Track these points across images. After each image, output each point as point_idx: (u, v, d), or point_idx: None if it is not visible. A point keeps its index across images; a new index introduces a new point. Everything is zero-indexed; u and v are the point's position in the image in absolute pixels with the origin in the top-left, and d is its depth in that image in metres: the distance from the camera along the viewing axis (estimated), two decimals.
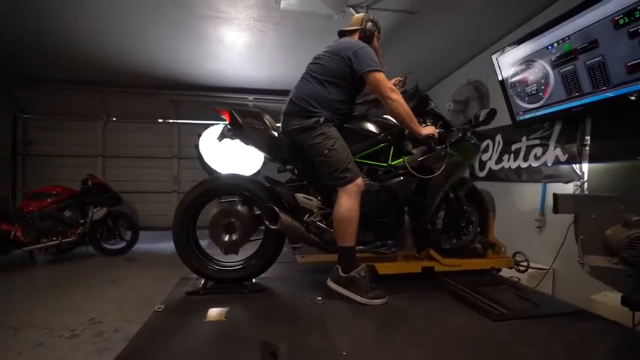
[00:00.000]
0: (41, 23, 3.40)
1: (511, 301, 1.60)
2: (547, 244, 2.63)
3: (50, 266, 4.15)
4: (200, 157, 2.11)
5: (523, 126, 2.98)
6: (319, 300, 1.56)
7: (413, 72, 2.16)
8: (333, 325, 1.33)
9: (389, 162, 1.80)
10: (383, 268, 1.82)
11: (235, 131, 1.69)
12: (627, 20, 1.93)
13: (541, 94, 2.66)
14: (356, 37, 1.85)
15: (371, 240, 1.82)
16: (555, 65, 2.46)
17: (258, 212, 1.79)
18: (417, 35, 3.39)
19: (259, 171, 2.19)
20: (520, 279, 2.12)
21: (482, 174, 3.64)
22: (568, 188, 2.64)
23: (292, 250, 2.13)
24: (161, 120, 5.84)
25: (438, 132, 1.83)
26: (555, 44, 2.42)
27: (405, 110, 1.69)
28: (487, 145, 3.54)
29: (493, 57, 3.01)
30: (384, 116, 1.86)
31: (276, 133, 1.73)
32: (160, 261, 4.36)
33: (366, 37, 1.84)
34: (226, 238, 1.74)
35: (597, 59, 2.16)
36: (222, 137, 1.74)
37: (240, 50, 3.95)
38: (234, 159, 2.05)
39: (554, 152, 2.77)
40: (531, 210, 2.98)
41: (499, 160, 3.40)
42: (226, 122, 1.73)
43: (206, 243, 1.85)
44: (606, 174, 2.38)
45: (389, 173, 1.80)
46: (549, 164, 2.81)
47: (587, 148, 2.51)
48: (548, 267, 2.54)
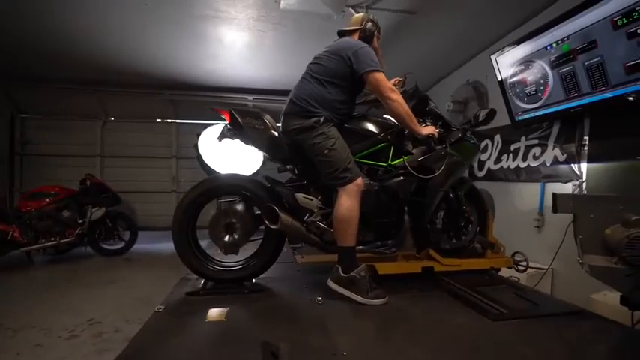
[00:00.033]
0: (40, 23, 3.39)
1: (510, 301, 1.61)
2: (546, 244, 2.64)
3: (48, 267, 4.13)
4: (199, 157, 2.12)
5: (522, 126, 2.99)
6: (319, 300, 1.57)
7: (412, 72, 2.16)
8: (334, 325, 1.33)
9: (389, 162, 1.80)
10: (383, 268, 1.82)
11: (235, 131, 1.69)
12: (626, 21, 1.94)
13: (540, 95, 2.67)
14: (356, 37, 1.85)
15: (371, 240, 1.82)
16: (554, 66, 2.47)
17: (258, 212, 1.79)
18: (417, 35, 3.39)
19: (258, 171, 2.20)
20: (519, 278, 2.13)
21: (481, 174, 3.65)
22: (567, 188, 2.65)
23: (292, 250, 2.13)
24: (159, 120, 5.82)
25: (438, 132, 1.83)
26: (554, 45, 2.43)
27: (405, 110, 1.69)
28: (486, 145, 3.55)
29: (492, 57, 3.02)
30: (384, 116, 1.86)
31: (276, 133, 1.72)
32: (159, 261, 4.35)
33: (366, 37, 1.84)
34: (226, 238, 1.74)
35: (596, 60, 2.18)
36: (222, 137, 1.74)
37: (239, 50, 3.95)
38: (233, 159, 2.05)
39: (552, 152, 2.78)
40: (530, 210, 2.99)
41: (498, 160, 3.41)
42: (226, 122, 1.73)
43: (205, 243, 1.85)
44: (605, 174, 2.39)
45: (389, 173, 1.80)
46: (548, 164, 2.82)
47: (585, 148, 2.52)
48: (546, 267, 2.55)
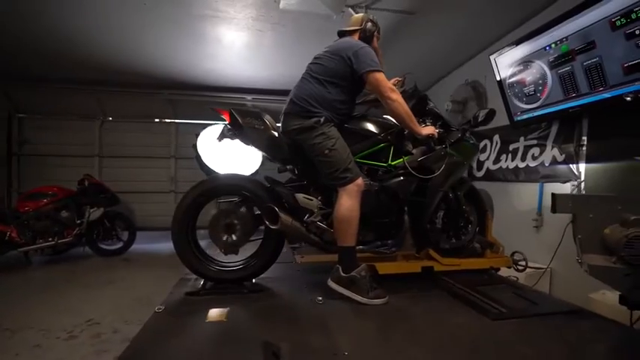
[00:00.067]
0: (39, 23, 3.37)
1: (510, 300, 1.61)
2: (544, 244, 2.64)
3: (46, 267, 4.12)
4: (198, 157, 2.10)
5: (521, 126, 3.00)
6: (320, 300, 1.57)
7: (411, 72, 2.16)
8: (335, 325, 1.33)
9: (389, 162, 1.80)
10: (383, 268, 1.83)
11: (235, 131, 1.68)
12: (624, 22, 1.95)
13: (539, 95, 2.68)
14: (356, 38, 1.85)
15: (371, 240, 1.82)
16: (553, 66, 2.48)
17: (258, 212, 1.79)
18: (415, 35, 3.40)
19: (257, 171, 2.19)
20: (518, 278, 2.14)
21: (479, 174, 3.66)
22: (565, 188, 2.66)
23: (291, 250, 2.13)
24: (157, 120, 5.79)
25: (438, 132, 1.83)
26: (553, 45, 2.44)
27: (405, 110, 1.69)
28: (485, 145, 3.56)
29: (491, 57, 3.03)
30: (384, 116, 1.86)
31: (276, 133, 1.72)
32: (158, 261, 4.34)
33: (366, 38, 1.84)
34: (226, 239, 1.73)
35: (594, 60, 2.18)
36: (222, 137, 1.74)
37: (238, 50, 3.94)
38: (232, 159, 2.04)
39: (551, 152, 2.79)
40: (529, 210, 3.00)
41: (497, 160, 3.42)
42: (225, 122, 1.73)
43: (204, 243, 1.85)
44: (603, 174, 2.40)
45: (389, 173, 1.81)
46: (547, 164, 2.83)
47: (584, 149, 2.53)
48: (545, 266, 2.56)
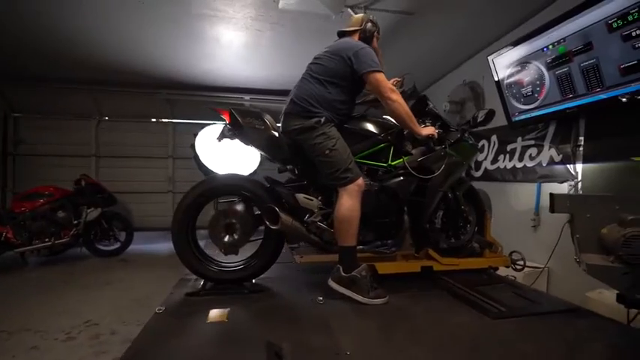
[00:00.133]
0: (37, 23, 3.35)
1: (509, 300, 1.63)
2: (542, 243, 2.67)
3: (43, 268, 4.08)
4: (196, 157, 2.10)
5: (518, 126, 3.02)
6: (320, 300, 1.57)
7: (410, 72, 2.17)
8: (336, 325, 1.34)
9: (389, 162, 1.81)
10: (383, 268, 1.83)
11: (235, 131, 1.68)
12: (621, 23, 1.97)
13: (536, 96, 2.70)
14: (356, 38, 1.85)
15: (371, 240, 1.82)
16: (550, 67, 2.50)
17: (257, 212, 1.79)
18: (414, 36, 3.41)
19: (256, 171, 2.19)
20: (516, 277, 2.15)
21: (478, 174, 3.68)
22: (562, 188, 2.68)
23: (290, 251, 2.13)
24: (154, 120, 5.75)
25: (437, 132, 1.84)
26: (550, 46, 2.46)
27: (405, 111, 1.70)
28: (483, 146, 3.58)
29: (489, 58, 3.05)
30: (384, 116, 1.87)
31: (276, 133, 1.72)
32: (156, 262, 4.32)
33: (366, 38, 1.85)
34: (226, 239, 1.73)
35: (591, 61, 2.21)
36: (222, 137, 1.73)
37: (237, 49, 3.93)
38: (230, 159, 2.04)
39: (548, 152, 2.81)
40: (526, 210, 3.02)
41: (494, 161, 3.44)
42: (224, 122, 1.72)
43: (203, 243, 1.84)
44: (600, 174, 2.43)
45: (389, 173, 1.81)
46: (544, 164, 2.85)
47: (581, 149, 2.55)
48: (543, 266, 2.58)
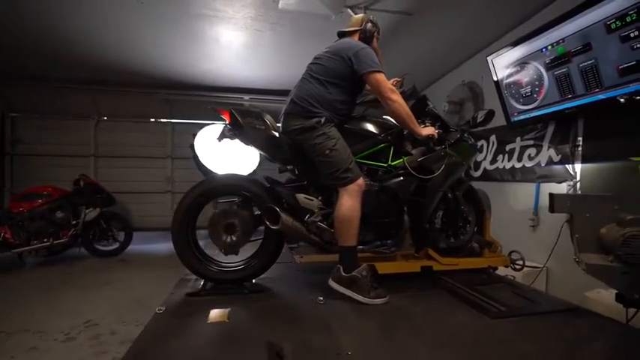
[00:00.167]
0: (36, 22, 3.34)
1: (509, 299, 1.63)
2: (540, 243, 2.68)
3: (41, 268, 4.06)
4: (195, 157, 2.09)
5: (517, 127, 3.03)
6: (321, 300, 1.57)
7: (409, 72, 2.18)
8: (336, 325, 1.34)
9: (389, 162, 1.81)
10: (382, 268, 1.83)
11: (236, 131, 1.68)
12: (619, 24, 1.98)
13: (535, 96, 2.71)
14: (356, 38, 1.86)
15: (371, 240, 1.83)
16: (549, 67, 2.51)
17: (257, 212, 1.79)
18: (413, 36, 3.42)
19: (255, 171, 2.18)
20: (515, 277, 2.16)
21: (477, 174, 3.69)
22: (561, 188, 2.69)
23: (290, 251, 2.13)
24: (153, 119, 5.74)
25: (437, 132, 1.85)
26: (549, 47, 2.47)
27: (405, 111, 1.70)
28: (482, 146, 3.59)
29: (488, 59, 3.06)
30: (384, 117, 1.87)
31: (276, 133, 1.72)
32: (155, 262, 4.32)
33: (366, 38, 1.85)
34: (226, 239, 1.73)
35: (590, 62, 2.22)
36: (222, 137, 1.73)
37: (236, 49, 3.93)
38: (229, 159, 2.03)
39: (547, 153, 2.82)
40: (525, 210, 3.03)
41: (493, 161, 3.45)
42: (222, 122, 1.72)
43: (202, 243, 1.84)
44: (598, 174, 2.44)
45: (389, 173, 1.82)
46: (543, 164, 2.86)
47: (579, 149, 2.57)
48: (542, 265, 2.59)
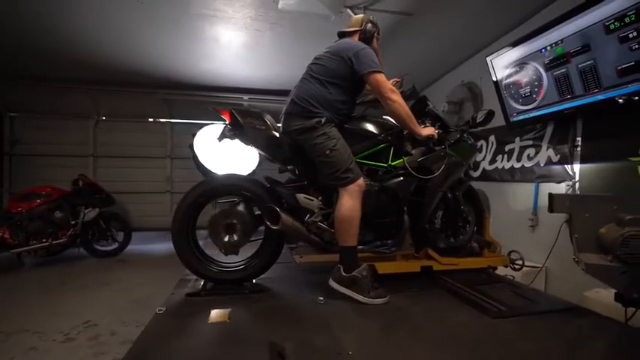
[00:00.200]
0: (36, 22, 3.33)
1: (508, 299, 1.64)
2: (539, 243, 2.69)
3: (40, 269, 4.05)
4: (195, 157, 2.09)
5: (516, 127, 3.04)
6: (321, 300, 1.57)
7: (409, 73, 2.18)
8: (337, 325, 1.34)
9: (389, 162, 1.81)
10: (382, 268, 1.84)
11: (236, 131, 1.68)
12: (618, 25, 1.99)
13: (534, 96, 2.72)
14: (356, 38, 1.86)
15: (371, 240, 1.83)
16: (548, 68, 2.52)
17: (258, 212, 1.79)
18: (413, 36, 3.42)
19: (255, 171, 2.19)
20: (514, 277, 2.17)
21: (476, 174, 3.70)
22: (560, 188, 2.70)
23: (290, 251, 2.14)
24: (152, 119, 5.72)
25: (437, 133, 1.85)
26: (549, 47, 2.48)
27: (406, 111, 1.71)
28: (481, 146, 3.60)
29: (487, 59, 3.06)
30: (384, 117, 1.88)
31: (277, 134, 1.72)
32: (154, 262, 4.31)
33: (366, 39, 1.86)
34: (226, 239, 1.73)
35: (589, 63, 2.23)
36: (222, 137, 1.73)
37: (236, 49, 3.92)
38: (229, 159, 2.04)
39: (546, 153, 2.83)
40: (524, 209, 3.04)
41: (493, 161, 3.46)
42: (222, 122, 1.72)
43: (202, 243, 1.84)
44: (597, 174, 2.45)
45: (389, 173, 1.82)
46: (542, 165, 2.87)
47: (578, 149, 2.58)
48: (541, 265, 2.60)
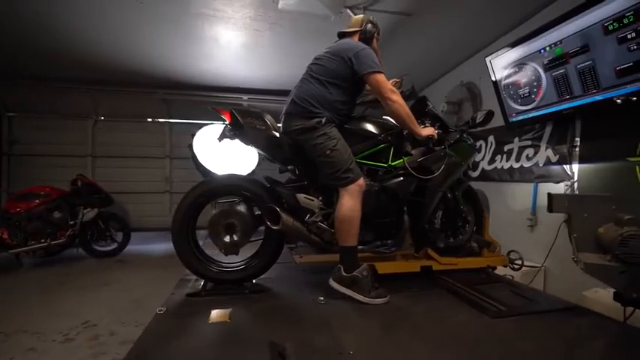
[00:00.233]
0: (35, 22, 3.32)
1: (508, 298, 1.65)
2: (538, 243, 2.69)
3: (39, 269, 4.03)
4: (194, 157, 2.09)
5: (515, 127, 3.05)
6: (321, 300, 1.57)
7: (408, 73, 2.18)
8: (337, 325, 1.34)
9: (389, 162, 1.82)
10: (382, 268, 1.84)
11: (236, 131, 1.68)
12: (617, 26, 2.00)
13: (533, 97, 2.73)
14: (356, 39, 1.86)
15: (371, 240, 1.83)
16: (547, 68, 2.53)
17: (258, 212, 1.79)
18: (412, 37, 3.43)
19: (254, 171, 2.19)
20: (513, 276, 2.18)
21: (475, 174, 3.71)
22: (559, 188, 2.71)
23: (290, 251, 2.14)
24: (151, 119, 5.71)
25: (437, 133, 1.86)
26: (548, 48, 2.48)
27: (406, 111, 1.71)
28: (480, 146, 3.61)
29: (487, 59, 3.07)
30: (384, 117, 1.88)
31: (277, 134, 1.72)
32: (153, 262, 4.31)
33: (366, 39, 1.86)
34: (226, 239, 1.73)
35: (588, 63, 2.23)
36: (222, 137, 1.73)
37: (235, 49, 3.92)
38: (228, 159, 2.04)
39: (545, 153, 2.84)
40: (523, 209, 3.05)
41: (492, 161, 3.47)
42: (224, 122, 1.72)
43: (202, 243, 1.83)
44: (596, 174, 2.46)
45: (389, 174, 1.82)
46: (541, 165, 2.88)
47: (577, 149, 2.59)
48: (540, 265, 2.61)
